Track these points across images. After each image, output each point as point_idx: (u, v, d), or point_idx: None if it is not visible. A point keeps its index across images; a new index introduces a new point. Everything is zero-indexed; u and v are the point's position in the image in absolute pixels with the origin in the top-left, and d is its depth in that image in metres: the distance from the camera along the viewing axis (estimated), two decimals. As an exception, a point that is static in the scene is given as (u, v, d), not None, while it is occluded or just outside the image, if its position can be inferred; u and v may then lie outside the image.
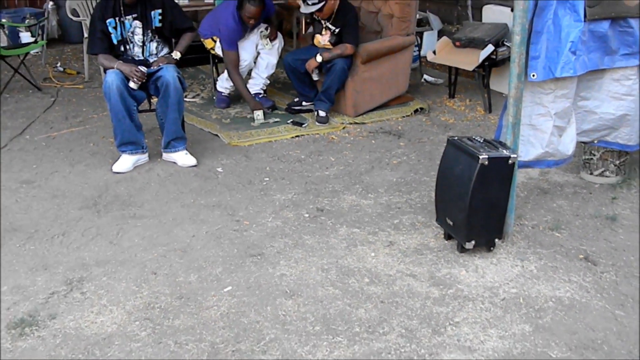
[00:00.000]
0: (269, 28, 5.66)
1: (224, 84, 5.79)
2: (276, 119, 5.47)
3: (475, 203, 3.28)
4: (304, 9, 5.40)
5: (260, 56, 5.74)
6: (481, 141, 3.41)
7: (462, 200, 3.31)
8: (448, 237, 3.56)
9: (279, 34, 5.77)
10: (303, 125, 5.32)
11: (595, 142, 3.98)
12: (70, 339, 2.82)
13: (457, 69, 5.93)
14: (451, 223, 3.46)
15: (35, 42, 6.82)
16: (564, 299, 3.06)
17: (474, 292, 3.11)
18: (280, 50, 5.79)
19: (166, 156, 4.65)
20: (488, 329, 2.86)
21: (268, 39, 5.65)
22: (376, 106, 5.65)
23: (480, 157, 3.22)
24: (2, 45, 6.74)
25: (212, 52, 5.71)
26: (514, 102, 3.33)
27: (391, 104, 5.76)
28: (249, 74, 5.81)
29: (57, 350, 2.76)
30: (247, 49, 5.57)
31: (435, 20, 7.27)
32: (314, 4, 5.26)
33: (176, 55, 4.59)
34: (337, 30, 5.39)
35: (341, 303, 3.03)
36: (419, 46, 6.73)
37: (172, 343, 2.78)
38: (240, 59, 5.52)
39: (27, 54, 6.54)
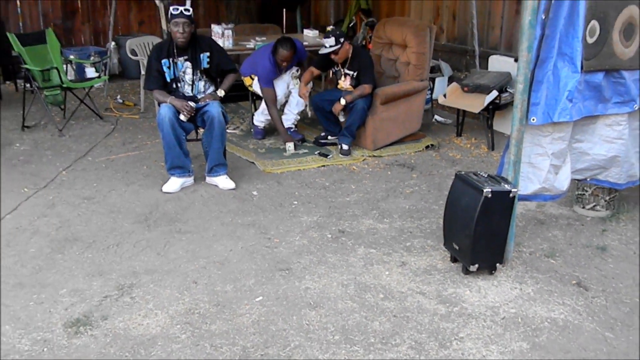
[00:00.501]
0: (299, 70, 5.72)
1: (259, 117, 5.84)
2: (305, 150, 5.49)
3: (479, 231, 3.26)
4: (322, 51, 5.45)
5: (292, 95, 5.79)
6: (485, 176, 3.39)
7: (468, 228, 3.29)
8: (454, 260, 3.53)
9: None
10: (328, 157, 5.33)
11: (588, 179, 3.94)
12: (119, 338, 2.83)
13: (464, 111, 5.92)
14: (457, 247, 3.43)
15: (99, 77, 6.93)
16: (559, 320, 3.01)
17: (477, 310, 3.07)
18: (309, 89, 5.83)
19: (209, 180, 4.68)
20: (489, 345, 2.81)
21: (298, 79, 5.71)
22: (392, 142, 5.65)
23: (485, 190, 3.21)
24: (70, 78, 6.86)
25: (250, 88, 5.77)
26: (515, 143, 3.31)
27: (405, 140, 5.75)
28: (282, 109, 5.86)
29: (107, 348, 2.77)
30: (280, 86, 5.63)
31: (446, 68, 7.28)
32: (331, 46, 5.30)
33: (221, 93, 4.64)
34: (354, 74, 5.43)
35: (358, 316, 3.01)
36: (432, 90, 6.74)
37: (209, 345, 2.78)
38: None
39: (91, 87, 6.66)
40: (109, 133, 6.01)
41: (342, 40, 5.29)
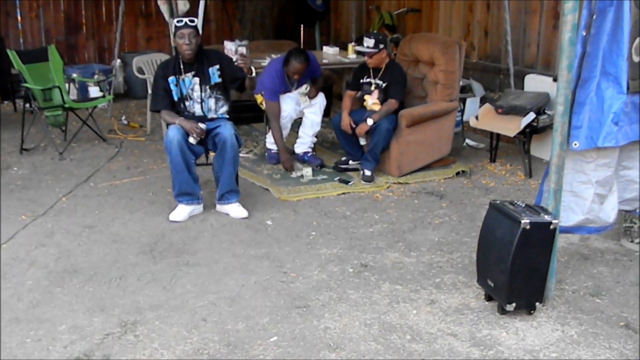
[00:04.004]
0: (308, 87, 5.79)
1: (273, 141, 5.86)
2: (324, 176, 5.51)
3: (517, 266, 3.23)
4: (358, 48, 5.51)
5: (305, 115, 5.84)
6: (523, 206, 3.37)
7: (504, 263, 3.26)
8: (489, 298, 3.49)
9: (321, 94, 5.88)
10: (349, 183, 5.35)
11: (637, 210, 3.89)
12: (122, 380, 2.83)
13: (498, 134, 5.91)
14: (492, 285, 3.40)
15: (103, 96, 7.05)
16: (605, 366, 2.96)
17: (515, 354, 3.03)
18: (323, 108, 5.87)
19: (220, 207, 4.71)
20: (528, 392, 2.77)
21: (307, 97, 5.77)
22: (419, 167, 5.65)
23: (522, 221, 3.18)
24: (72, 98, 6.97)
25: (262, 106, 5.85)
26: (555, 169, 3.29)
27: (434, 166, 5.74)
28: (297, 132, 5.91)
29: (109, 390, 2.77)
30: (288, 102, 5.70)
31: (478, 88, 7.28)
32: (368, 47, 5.37)
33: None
34: (384, 85, 5.48)
35: (383, 359, 2.98)
36: (462, 111, 6.73)
37: (219, 389, 2.77)
38: (282, 110, 5.64)
39: (94, 107, 6.74)
40: (112, 157, 6.08)
41: (381, 46, 5.40)
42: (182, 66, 4.60)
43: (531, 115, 5.44)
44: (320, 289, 3.63)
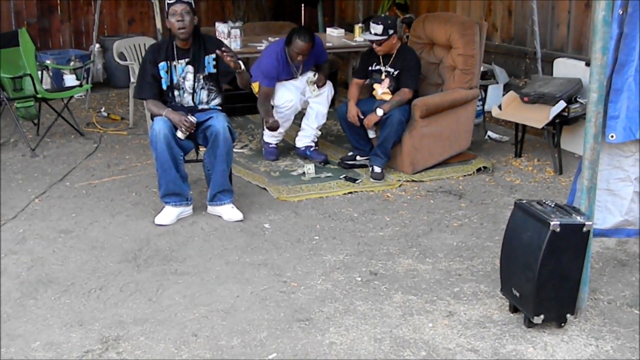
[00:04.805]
0: (316, 75, 5.79)
1: (272, 134, 5.86)
2: (328, 174, 5.52)
3: (545, 273, 3.23)
4: (365, 36, 5.55)
5: (310, 106, 5.86)
6: (552, 206, 3.37)
7: (531, 270, 3.26)
8: (514, 309, 3.50)
9: (329, 82, 5.89)
10: (356, 182, 5.35)
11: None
12: (103, 402, 2.84)
13: (524, 126, 5.90)
14: (518, 294, 3.40)
15: (80, 85, 7.05)
16: (645, 385, 2.96)
17: (543, 372, 3.04)
18: (330, 98, 5.89)
19: (211, 209, 4.72)
20: (559, 415, 2.77)
21: (315, 85, 5.77)
22: (435, 163, 5.65)
23: (552, 223, 3.18)
24: (45, 87, 6.99)
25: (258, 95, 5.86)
26: (589, 165, 3.29)
27: (452, 162, 5.75)
28: (298, 124, 5.91)
29: (89, 414, 2.78)
30: (292, 90, 5.70)
31: (501, 73, 7.29)
32: (376, 34, 5.37)
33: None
34: (395, 73, 5.48)
35: (395, 378, 2.99)
36: (483, 100, 6.74)
37: (212, 413, 2.78)
38: (285, 100, 5.64)
39: (71, 97, 6.77)
40: (91, 153, 6.10)
41: (391, 32, 5.40)
42: (175, 51, 4.61)
43: (561, 104, 5.43)
44: (324, 299, 3.64)
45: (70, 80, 7.81)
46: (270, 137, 5.88)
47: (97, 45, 8.31)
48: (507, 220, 3.56)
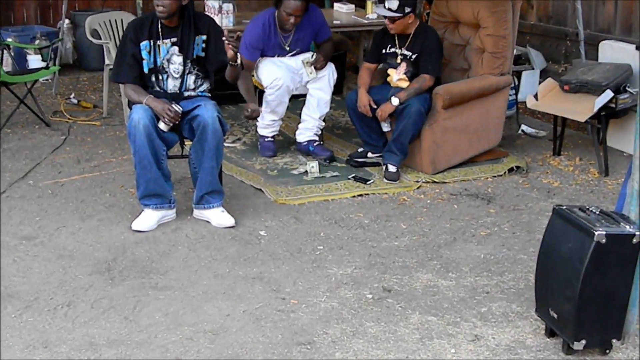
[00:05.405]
0: (314, 55, 5.78)
1: (266, 122, 5.81)
2: (334, 173, 5.52)
3: (588, 292, 3.23)
4: (378, 10, 5.57)
5: (309, 92, 5.85)
6: (597, 213, 3.37)
7: (571, 288, 3.26)
8: (551, 333, 3.49)
9: (331, 64, 5.87)
10: (368, 182, 5.35)
11: None
12: None
13: (564, 119, 5.90)
14: (555, 316, 3.40)
15: (47, 67, 7.06)
16: None
17: (585, 407, 3.04)
18: (332, 83, 5.87)
19: (198, 213, 4.72)
20: None
21: (313, 67, 5.76)
22: (460, 162, 5.65)
23: (596, 233, 3.18)
24: (6, 69, 6.98)
25: (259, 86, 5.85)
26: (641, 165, 3.29)
27: (479, 160, 5.75)
28: (299, 114, 5.92)
29: None
30: (282, 68, 5.69)
31: (537, 58, 7.28)
32: (390, 9, 5.36)
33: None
34: (413, 57, 5.47)
35: (412, 412, 3.00)
36: (516, 89, 6.74)
37: None
38: (273, 78, 5.62)
39: (35, 81, 6.77)
40: (58, 146, 6.10)
41: (407, 10, 5.39)
42: (160, 29, 4.62)
43: (608, 94, 5.43)
44: (329, 320, 3.63)
45: (34, 61, 7.81)
46: (266, 129, 5.87)
47: (67, 21, 8.31)
48: (543, 229, 3.55)
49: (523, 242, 4.50)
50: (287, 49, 5.76)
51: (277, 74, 5.65)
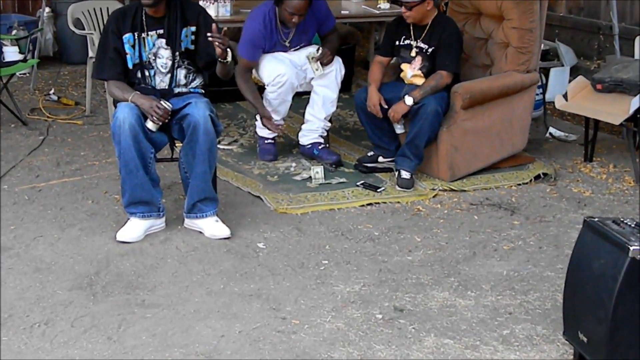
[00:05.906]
0: (320, 49, 5.78)
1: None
2: (341, 179, 5.53)
3: (622, 313, 3.22)
4: None
5: (314, 90, 5.85)
6: (632, 225, 3.36)
7: (603, 308, 3.25)
8: (580, 358, 3.49)
9: (338, 59, 5.86)
10: (378, 190, 5.36)
11: None
12: None
13: (597, 121, 5.90)
14: (585, 339, 3.39)
15: (24, 60, 7.08)
16: None
17: None
18: (340, 80, 5.86)
19: (190, 223, 4.73)
20: None
21: (319, 63, 5.75)
22: (481, 168, 5.65)
23: (631, 248, 3.17)
24: (-21, 63, 7.03)
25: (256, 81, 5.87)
26: (681, 173, 3.29)
27: (502, 166, 5.75)
28: (302, 114, 5.92)
29: None
30: (286, 63, 5.69)
31: (567, 54, 7.28)
32: None
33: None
34: (430, 50, 5.47)
35: None
36: (544, 88, 6.75)
37: None
38: (276, 74, 5.63)
39: (11, 75, 6.79)
40: (35, 147, 6.12)
41: None
42: (144, 20, 4.63)
43: (645, 94, 5.44)
44: (334, 342, 3.63)
45: (11, 53, 7.84)
46: (266, 130, 5.86)
47: (47, 10, 8.34)
48: (572, 243, 3.55)
49: (550, 257, 4.50)
50: (287, 45, 5.76)
51: (280, 69, 5.65)
